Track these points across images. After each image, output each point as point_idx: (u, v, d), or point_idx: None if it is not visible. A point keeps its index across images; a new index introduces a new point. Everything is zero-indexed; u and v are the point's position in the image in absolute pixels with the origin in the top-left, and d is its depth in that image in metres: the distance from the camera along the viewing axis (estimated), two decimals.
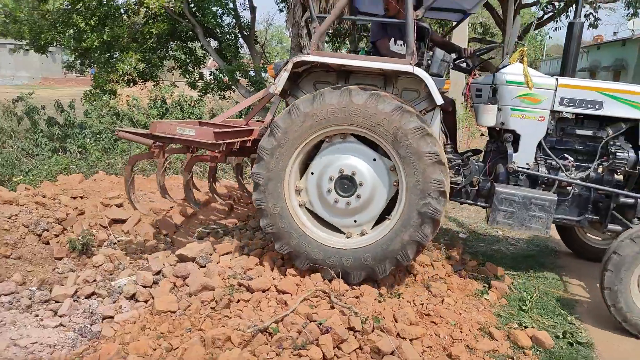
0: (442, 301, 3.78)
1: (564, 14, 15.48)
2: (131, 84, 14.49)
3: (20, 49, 38.85)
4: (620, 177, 4.23)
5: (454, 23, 5.42)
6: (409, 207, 3.54)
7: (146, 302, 3.55)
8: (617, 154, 3.99)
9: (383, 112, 3.50)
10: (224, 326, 3.12)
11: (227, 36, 14.58)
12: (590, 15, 15.16)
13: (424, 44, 4.28)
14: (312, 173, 3.82)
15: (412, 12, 3.63)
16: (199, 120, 5.29)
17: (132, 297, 3.61)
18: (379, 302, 3.58)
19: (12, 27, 12.57)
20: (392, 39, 4.45)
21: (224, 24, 14.73)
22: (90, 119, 13.11)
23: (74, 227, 4.75)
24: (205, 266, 3.94)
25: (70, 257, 4.36)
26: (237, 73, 13.54)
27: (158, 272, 3.96)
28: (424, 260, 4.42)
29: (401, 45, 4.36)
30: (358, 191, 3.70)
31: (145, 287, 3.71)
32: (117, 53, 13.84)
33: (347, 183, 3.72)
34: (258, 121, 4.98)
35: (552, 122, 4.17)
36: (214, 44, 14.30)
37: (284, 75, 3.71)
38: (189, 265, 3.95)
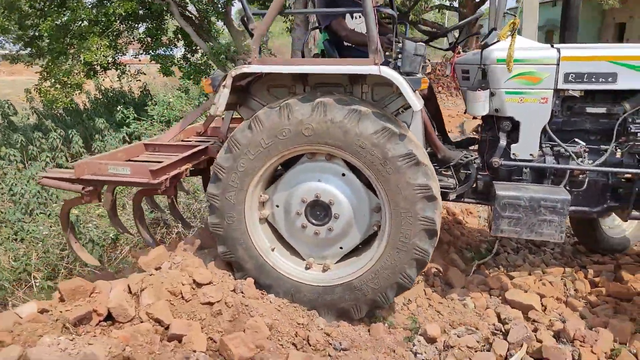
0: None
1: None
2: (91, 75, 12.34)
3: None
4: None
5: None
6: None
7: None
8: (639, 133, 3.38)
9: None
10: None
11: (204, 14, 13.00)
12: None
13: (393, 32, 3.57)
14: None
15: None
16: (145, 142, 4.34)
17: None
18: None
19: None
20: (347, 14, 3.81)
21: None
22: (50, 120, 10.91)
23: None
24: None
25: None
26: (224, 56, 12.22)
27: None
28: None
29: (359, 18, 3.76)
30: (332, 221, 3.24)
31: None
32: (75, 40, 11.58)
33: (320, 211, 3.25)
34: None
35: (557, 102, 3.49)
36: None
37: (225, 92, 3.11)
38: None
